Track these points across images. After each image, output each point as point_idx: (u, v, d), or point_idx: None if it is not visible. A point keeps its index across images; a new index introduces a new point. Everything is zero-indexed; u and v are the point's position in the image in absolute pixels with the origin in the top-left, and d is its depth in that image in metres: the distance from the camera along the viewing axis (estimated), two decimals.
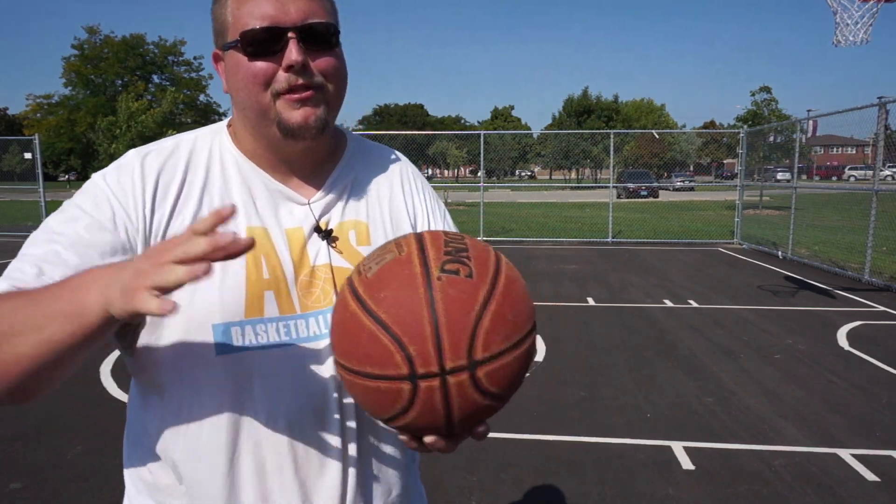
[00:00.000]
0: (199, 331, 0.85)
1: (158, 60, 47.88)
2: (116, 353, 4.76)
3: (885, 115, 8.47)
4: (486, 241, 14.26)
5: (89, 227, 0.83)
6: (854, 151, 56.31)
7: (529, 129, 68.34)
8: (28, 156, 15.25)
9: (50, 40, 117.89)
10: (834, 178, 40.09)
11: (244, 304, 0.86)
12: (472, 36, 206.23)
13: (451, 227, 1.06)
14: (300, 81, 0.84)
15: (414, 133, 23.39)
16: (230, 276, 0.86)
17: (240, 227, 0.89)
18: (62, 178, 54.22)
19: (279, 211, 0.92)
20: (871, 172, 9.79)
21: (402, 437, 0.74)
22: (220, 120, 1.00)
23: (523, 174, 62.94)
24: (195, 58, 48.23)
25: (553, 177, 58.85)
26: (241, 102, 0.88)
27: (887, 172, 23.81)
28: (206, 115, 45.56)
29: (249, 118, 0.89)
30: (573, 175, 50.90)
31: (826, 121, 11.20)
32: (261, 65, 0.84)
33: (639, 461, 3.33)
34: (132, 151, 0.91)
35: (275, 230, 0.90)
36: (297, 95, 0.85)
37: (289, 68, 0.83)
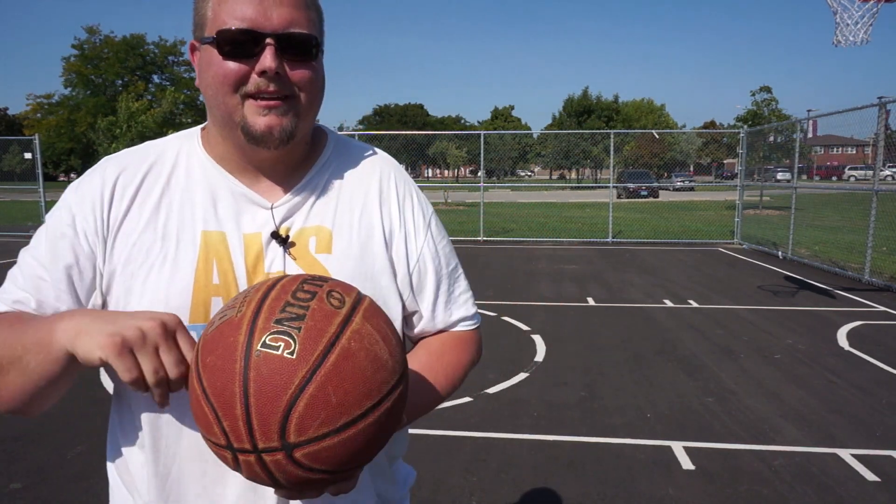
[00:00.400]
0: None
1: (158, 60, 47.96)
2: None
3: (885, 115, 8.47)
4: (486, 241, 14.03)
5: (52, 239, 0.87)
6: (854, 151, 56.29)
7: (529, 129, 68.37)
8: (28, 156, 15.27)
9: (50, 40, 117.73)
10: (834, 178, 40.09)
11: (189, 309, 0.84)
12: (473, 36, 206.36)
13: (434, 237, 1.01)
14: (271, 87, 0.82)
15: (414, 133, 23.47)
16: (178, 281, 0.85)
17: (196, 232, 0.87)
18: (62, 178, 54.23)
19: (242, 216, 0.89)
20: (871, 172, 9.79)
21: None
22: None
23: (523, 174, 62.84)
24: None
25: (553, 177, 58.85)
26: (210, 100, 0.86)
27: (887, 172, 23.81)
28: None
29: (216, 117, 0.88)
30: (573, 175, 50.91)
31: (826, 121, 11.19)
32: (233, 66, 0.82)
33: (639, 461, 3.33)
34: (105, 158, 0.94)
35: (233, 235, 0.88)
36: (264, 102, 0.83)
37: (261, 73, 0.81)
